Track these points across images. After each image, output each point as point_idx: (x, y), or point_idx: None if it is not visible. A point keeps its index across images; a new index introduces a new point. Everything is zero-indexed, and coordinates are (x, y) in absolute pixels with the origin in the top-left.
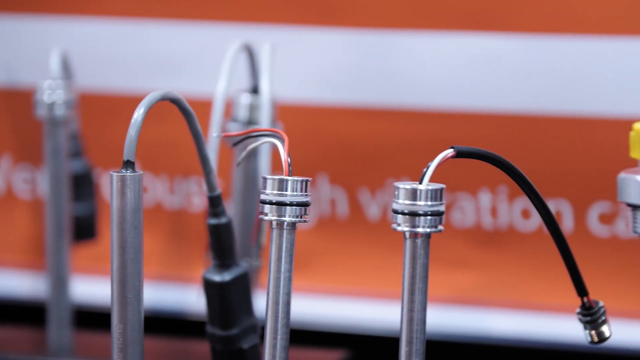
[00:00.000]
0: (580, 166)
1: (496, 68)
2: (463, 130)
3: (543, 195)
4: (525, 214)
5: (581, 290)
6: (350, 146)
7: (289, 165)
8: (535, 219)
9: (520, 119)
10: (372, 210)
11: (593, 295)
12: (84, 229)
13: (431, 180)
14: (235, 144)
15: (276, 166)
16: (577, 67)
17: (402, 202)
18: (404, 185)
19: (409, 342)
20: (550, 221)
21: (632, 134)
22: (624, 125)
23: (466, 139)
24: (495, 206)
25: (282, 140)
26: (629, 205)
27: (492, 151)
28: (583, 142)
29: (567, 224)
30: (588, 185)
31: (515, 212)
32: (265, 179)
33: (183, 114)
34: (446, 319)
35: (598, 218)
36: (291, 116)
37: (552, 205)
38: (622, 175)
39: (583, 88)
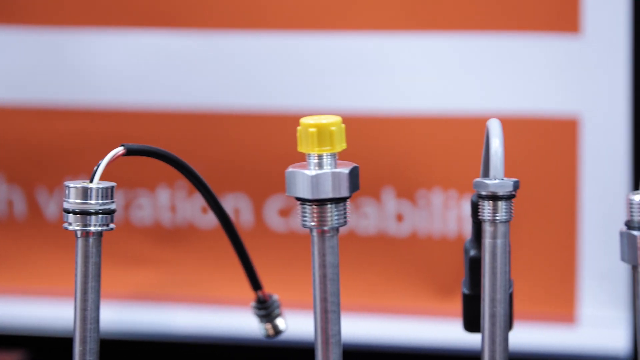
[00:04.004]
0: (257, 161)
1: (170, 64)
2: (144, 128)
3: (222, 191)
4: (205, 210)
5: (255, 285)
6: (28, 145)
7: None
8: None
9: (197, 116)
10: (51, 210)
11: (273, 288)
12: None
13: (106, 178)
14: None
15: None
16: (251, 63)
17: (73, 201)
18: (75, 184)
19: (83, 342)
20: (222, 216)
21: (299, 128)
22: (296, 120)
23: (147, 136)
24: (174, 203)
25: None
26: (298, 199)
27: (170, 149)
28: (260, 137)
29: (246, 219)
30: (265, 179)
31: (194, 209)
32: None
33: None
34: (127, 316)
35: (276, 212)
36: None
37: (231, 200)
38: (290, 169)
39: (258, 84)
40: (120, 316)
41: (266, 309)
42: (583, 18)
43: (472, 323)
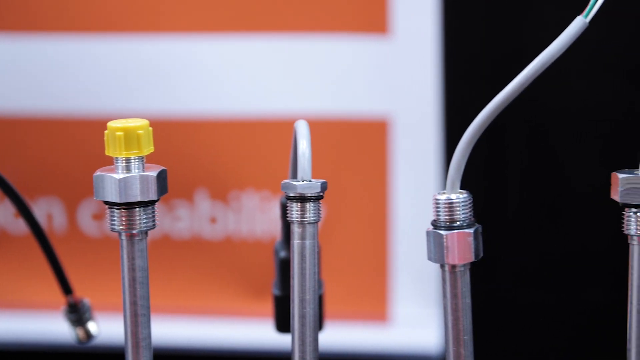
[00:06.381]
0: (69, 165)
1: None
2: None
3: (34, 195)
4: (18, 215)
5: (66, 289)
6: None
7: None
8: None
9: (6, 121)
10: None
11: (87, 293)
12: None
13: None
14: None
15: None
16: (58, 67)
17: None
18: None
19: None
20: (30, 221)
21: (106, 132)
22: (105, 123)
23: None
24: None
25: None
26: (106, 203)
27: None
28: (71, 141)
29: (59, 223)
30: (78, 184)
31: (6, 214)
32: None
33: None
34: None
35: (90, 216)
36: None
37: (44, 205)
38: (98, 173)
39: (65, 88)
40: None
41: (77, 313)
42: (392, 19)
43: (283, 324)
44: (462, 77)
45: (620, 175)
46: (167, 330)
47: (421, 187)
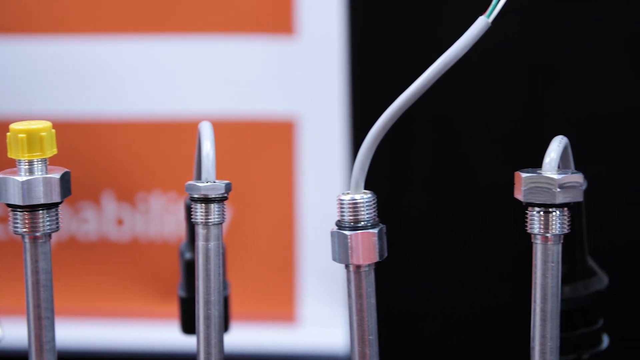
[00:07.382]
0: None
1: None
2: None
3: None
4: None
5: None
6: None
7: None
8: None
9: None
10: None
11: None
12: None
13: None
14: None
15: None
16: None
17: None
18: None
19: None
20: None
21: (9, 134)
22: (6, 126)
23: None
24: None
25: None
26: (9, 205)
27: None
28: None
29: None
30: None
31: None
32: None
33: None
34: None
35: None
36: None
37: None
38: (0, 175)
39: None
40: None
41: None
42: (298, 20)
43: (188, 325)
44: (369, 76)
45: (524, 175)
46: (72, 333)
47: (328, 187)
